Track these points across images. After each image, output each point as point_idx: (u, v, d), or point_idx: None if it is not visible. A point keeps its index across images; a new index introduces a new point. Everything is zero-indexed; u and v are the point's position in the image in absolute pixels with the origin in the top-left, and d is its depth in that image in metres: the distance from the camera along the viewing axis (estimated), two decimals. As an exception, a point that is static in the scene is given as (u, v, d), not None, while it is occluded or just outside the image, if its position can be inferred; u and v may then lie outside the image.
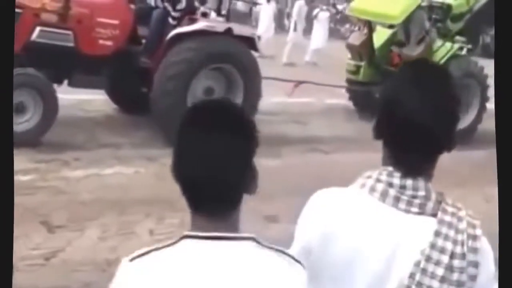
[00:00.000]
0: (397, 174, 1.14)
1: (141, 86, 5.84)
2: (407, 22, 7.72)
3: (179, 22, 5.98)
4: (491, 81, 7.12)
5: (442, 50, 7.82)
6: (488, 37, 23.98)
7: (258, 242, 1.08)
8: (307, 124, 7.52)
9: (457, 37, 8.19)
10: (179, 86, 5.52)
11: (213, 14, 6.72)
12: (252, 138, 1.13)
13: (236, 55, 5.83)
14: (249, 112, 5.49)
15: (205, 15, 6.31)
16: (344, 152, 6.43)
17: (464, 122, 7.66)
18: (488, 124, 7.88)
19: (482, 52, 23.81)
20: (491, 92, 7.76)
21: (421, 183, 1.13)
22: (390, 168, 1.17)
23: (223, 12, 6.43)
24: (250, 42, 6.05)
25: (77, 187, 4.42)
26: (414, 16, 7.75)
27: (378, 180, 1.17)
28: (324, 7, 15.35)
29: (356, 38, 8.46)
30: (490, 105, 8.05)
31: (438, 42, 7.94)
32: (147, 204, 4.28)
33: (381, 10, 7.60)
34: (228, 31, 5.88)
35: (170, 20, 5.96)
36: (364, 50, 8.21)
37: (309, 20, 14.80)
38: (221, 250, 1.04)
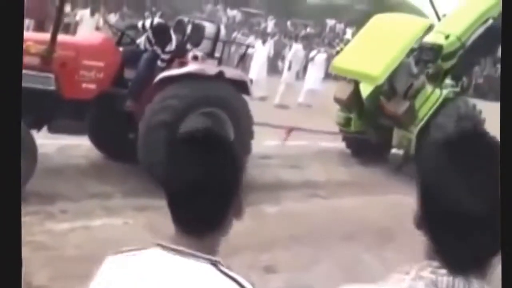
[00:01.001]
0: (444, 271, 0.91)
1: (127, 132, 5.58)
2: (392, 74, 7.41)
3: (169, 65, 5.79)
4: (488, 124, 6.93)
5: (432, 99, 7.50)
6: (480, 78, 24.27)
7: (217, 267, 1.09)
8: (303, 168, 7.33)
9: (447, 81, 7.97)
10: (164, 135, 5.21)
11: (198, 54, 6.32)
12: (234, 164, 1.16)
13: (227, 99, 5.62)
14: (241, 154, 5.22)
15: (196, 58, 6.09)
16: (343, 197, 6.22)
17: None
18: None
19: (474, 92, 24.09)
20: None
21: (474, 284, 0.90)
22: (435, 263, 0.93)
23: (217, 55, 6.27)
24: (242, 86, 5.87)
25: (62, 242, 4.13)
26: (399, 68, 7.44)
27: (419, 278, 0.93)
28: (322, 49, 15.33)
29: (342, 92, 8.11)
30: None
31: (428, 88, 7.62)
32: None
33: (362, 69, 7.32)
34: (219, 74, 5.67)
35: (159, 62, 5.77)
36: (352, 103, 7.94)
37: (305, 62, 14.81)
38: (178, 266, 1.08)
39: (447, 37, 7.94)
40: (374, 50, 7.33)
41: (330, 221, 5.35)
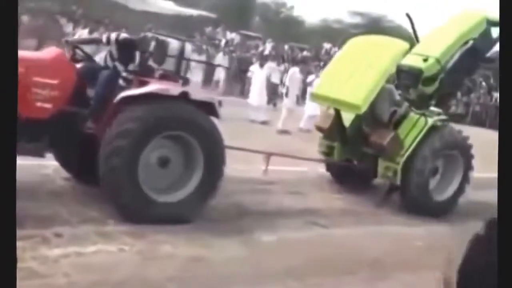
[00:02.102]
0: None
1: (91, 155, 5.15)
2: (373, 102, 7.08)
3: (131, 84, 5.48)
4: (487, 150, 6.91)
5: (417, 127, 7.15)
6: (478, 106, 24.40)
7: None
8: (302, 195, 7.26)
9: (432, 108, 7.70)
10: (124, 161, 4.93)
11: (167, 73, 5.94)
12: None
13: (192, 122, 5.22)
14: (214, 180, 4.95)
15: (164, 77, 5.75)
16: (343, 227, 6.14)
17: (446, 193, 7.43)
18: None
19: (472, 120, 24.17)
20: (475, 162, 7.58)
21: None
22: None
23: (182, 74, 5.94)
24: (209, 108, 5.44)
25: (53, 269, 4.03)
26: (381, 95, 7.12)
27: None
28: (319, 73, 15.35)
29: (324, 121, 7.84)
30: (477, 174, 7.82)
31: (413, 116, 7.31)
32: (131, 288, 3.91)
33: (343, 97, 6.99)
34: (184, 95, 5.25)
35: (121, 81, 5.48)
36: (334, 132, 7.68)
37: (304, 86, 14.86)
38: None
39: (425, 60, 7.60)
40: (353, 76, 7.08)
41: (330, 252, 5.28)
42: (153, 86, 5.25)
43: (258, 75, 14.61)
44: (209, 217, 5.58)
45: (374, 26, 29.92)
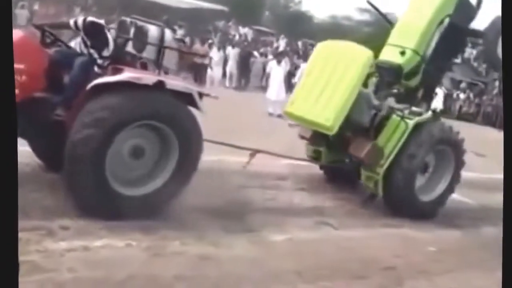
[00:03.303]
0: None
1: (61, 144, 4.84)
2: (352, 108, 6.62)
3: (106, 71, 5.19)
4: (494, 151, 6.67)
5: (397, 134, 6.71)
6: (489, 107, 24.20)
7: None
8: (312, 192, 7.13)
9: (413, 109, 7.14)
10: (92, 152, 4.63)
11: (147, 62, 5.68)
12: None
13: (168, 113, 4.94)
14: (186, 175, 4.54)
15: (144, 65, 5.47)
16: (352, 228, 6.01)
17: (435, 192, 7.09)
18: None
19: (483, 120, 23.99)
20: (466, 157, 7.29)
21: None
22: None
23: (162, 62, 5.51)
24: (187, 98, 5.14)
25: (58, 263, 3.93)
26: (358, 101, 6.66)
27: None
28: None
29: (305, 131, 7.45)
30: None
31: (393, 122, 6.80)
32: (138, 287, 3.79)
33: (314, 118, 6.65)
34: (159, 84, 4.96)
35: (96, 68, 5.22)
36: (317, 140, 7.36)
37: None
38: None
39: (402, 53, 7.15)
40: (323, 94, 6.64)
41: (343, 255, 5.16)
42: (126, 74, 4.93)
43: (276, 71, 15.21)
44: (217, 213, 5.48)
45: (383, 23, 29.73)
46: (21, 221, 4.17)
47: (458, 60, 10.92)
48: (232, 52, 19.52)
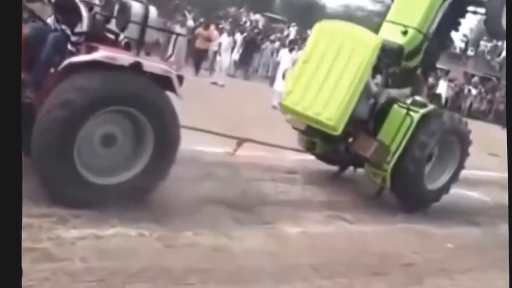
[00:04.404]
0: None
1: (29, 127, 4.48)
2: None
3: (80, 49, 4.80)
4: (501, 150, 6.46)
5: (402, 128, 6.22)
6: (501, 105, 23.82)
7: None
8: (324, 186, 6.96)
9: (416, 98, 6.57)
10: (60, 136, 4.27)
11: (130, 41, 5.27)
12: None
13: (143, 97, 4.53)
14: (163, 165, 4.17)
15: (128, 45, 5.11)
16: (367, 223, 5.85)
17: (439, 181, 6.83)
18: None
19: (495, 118, 23.63)
20: (471, 148, 7.08)
21: None
22: None
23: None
24: (165, 82, 4.75)
25: (70, 252, 3.81)
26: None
27: None
28: None
29: (298, 122, 6.83)
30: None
31: (397, 115, 6.30)
32: (150, 279, 3.67)
33: (315, 115, 5.99)
34: (136, 66, 4.56)
35: (69, 46, 4.80)
36: (312, 132, 6.74)
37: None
38: None
39: (404, 32, 6.59)
40: (325, 86, 5.99)
41: (359, 249, 5.03)
42: (101, 54, 4.53)
43: (286, 58, 14.77)
44: (229, 205, 5.35)
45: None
46: (32, 208, 4.16)
47: (471, 53, 10.51)
48: (239, 39, 19.20)
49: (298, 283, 4.15)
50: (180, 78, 4.93)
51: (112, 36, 5.17)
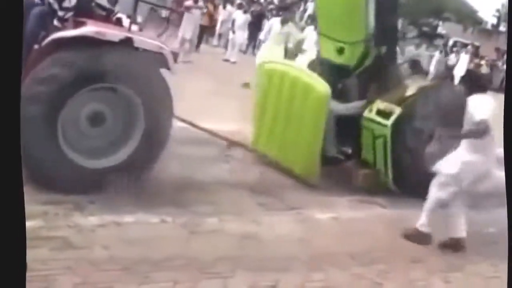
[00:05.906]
0: None
1: None
2: None
3: (66, 24, 4.53)
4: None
5: (378, 145, 5.68)
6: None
7: None
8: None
9: (379, 105, 5.67)
10: (43, 112, 3.99)
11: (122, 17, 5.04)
12: None
13: (133, 74, 4.24)
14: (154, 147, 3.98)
15: (119, 21, 4.85)
16: (401, 207, 5.49)
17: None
18: None
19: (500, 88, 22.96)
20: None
21: None
22: None
23: (139, 19, 4.96)
24: (159, 59, 4.47)
25: (90, 239, 3.56)
26: None
27: None
28: None
29: None
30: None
31: (366, 133, 5.74)
32: (175, 268, 3.40)
33: (288, 164, 5.73)
34: (126, 41, 4.30)
35: (55, 21, 4.52)
36: None
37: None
38: None
39: (340, 50, 5.93)
40: (285, 131, 5.75)
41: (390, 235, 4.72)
42: (89, 28, 4.25)
43: (311, 37, 14.26)
44: (253, 190, 5.08)
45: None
46: (45, 195, 3.90)
47: (503, 29, 9.60)
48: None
49: (332, 270, 3.86)
50: (175, 55, 4.65)
51: (102, 12, 4.89)
